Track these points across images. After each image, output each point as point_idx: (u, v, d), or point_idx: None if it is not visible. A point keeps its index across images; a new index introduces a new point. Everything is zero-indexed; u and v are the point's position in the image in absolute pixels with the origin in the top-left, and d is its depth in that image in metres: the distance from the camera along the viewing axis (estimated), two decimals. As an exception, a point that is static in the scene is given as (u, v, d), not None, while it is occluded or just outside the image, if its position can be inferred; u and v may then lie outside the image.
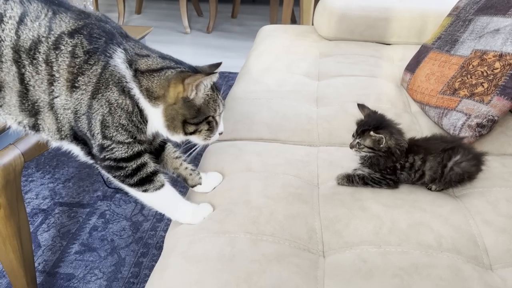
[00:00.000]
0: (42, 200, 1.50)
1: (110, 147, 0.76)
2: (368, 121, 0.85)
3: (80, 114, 0.74)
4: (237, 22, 3.74)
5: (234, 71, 2.66)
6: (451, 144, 0.85)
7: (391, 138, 0.82)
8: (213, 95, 0.78)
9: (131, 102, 0.74)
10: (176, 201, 0.83)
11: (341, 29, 1.66)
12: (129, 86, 0.73)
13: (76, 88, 0.72)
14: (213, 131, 0.81)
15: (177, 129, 0.77)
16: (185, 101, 0.75)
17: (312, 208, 0.81)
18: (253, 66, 1.47)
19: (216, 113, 0.80)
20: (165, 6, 4.12)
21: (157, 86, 0.74)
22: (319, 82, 1.36)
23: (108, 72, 0.72)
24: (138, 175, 0.78)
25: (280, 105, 1.19)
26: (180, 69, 0.77)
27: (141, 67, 0.75)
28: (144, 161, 0.78)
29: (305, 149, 1.02)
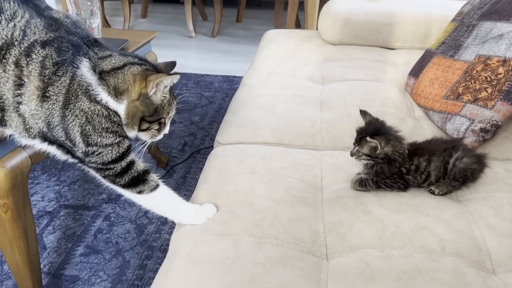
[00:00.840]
0: (48, 202, 1.51)
1: (97, 152, 0.77)
2: (366, 128, 0.86)
3: (54, 125, 0.75)
4: (242, 26, 3.76)
5: (239, 75, 2.68)
6: (451, 143, 0.86)
7: (387, 144, 0.82)
8: (169, 98, 0.81)
9: (102, 107, 0.76)
10: (175, 202, 0.84)
11: (346, 33, 1.67)
12: (96, 92, 0.75)
13: (47, 98, 0.73)
14: (161, 131, 0.84)
15: (134, 126, 0.79)
16: (145, 98, 0.77)
17: (315, 211, 0.81)
18: (258, 70, 1.48)
19: (168, 116, 0.83)
20: (171, 10, 4.14)
21: (122, 82, 0.76)
22: (323, 87, 1.36)
23: (76, 82, 0.74)
24: (128, 174, 0.80)
25: (284, 109, 1.19)
26: (146, 67, 0.79)
27: (105, 68, 0.76)
28: (132, 159, 0.81)
29: (309, 153, 1.03)
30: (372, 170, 0.85)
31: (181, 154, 1.85)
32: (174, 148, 1.89)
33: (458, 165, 0.83)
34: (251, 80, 1.41)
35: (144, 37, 1.46)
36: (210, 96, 2.40)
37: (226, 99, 2.37)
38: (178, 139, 1.96)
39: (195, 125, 2.08)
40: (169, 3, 4.33)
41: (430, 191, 0.86)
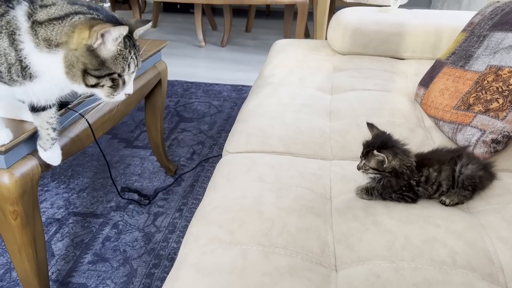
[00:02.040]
0: (57, 209, 1.52)
1: None
2: (373, 141, 0.85)
3: None
4: (251, 36, 3.78)
5: (248, 84, 2.69)
6: (457, 152, 0.85)
7: (394, 158, 0.81)
8: (123, 52, 0.76)
9: (15, 56, 0.74)
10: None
11: (355, 43, 1.67)
12: (21, 40, 0.74)
13: None
14: (117, 89, 0.80)
15: (77, 78, 0.75)
16: (87, 49, 0.73)
17: (324, 221, 0.81)
18: (267, 80, 1.48)
19: (125, 72, 0.78)
20: (181, 20, 4.19)
21: (58, 34, 0.73)
22: (332, 96, 1.36)
23: (5, 20, 0.73)
24: None
25: (293, 119, 1.19)
26: (92, 16, 0.75)
27: (40, 18, 0.74)
28: None
29: (318, 162, 1.02)
30: (379, 184, 0.84)
31: (190, 162, 1.85)
32: (183, 156, 1.89)
33: (465, 172, 0.83)
34: (260, 89, 1.42)
35: (154, 47, 1.47)
36: (219, 105, 2.41)
37: (235, 108, 2.37)
38: (187, 148, 1.96)
39: (203, 134, 2.09)
40: (180, 13, 4.38)
41: (441, 202, 0.85)
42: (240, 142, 1.12)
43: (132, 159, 1.85)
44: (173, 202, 1.59)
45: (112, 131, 2.06)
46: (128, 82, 0.81)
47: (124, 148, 1.93)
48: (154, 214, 1.51)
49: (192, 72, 2.89)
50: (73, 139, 1.05)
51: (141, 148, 1.94)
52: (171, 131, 2.10)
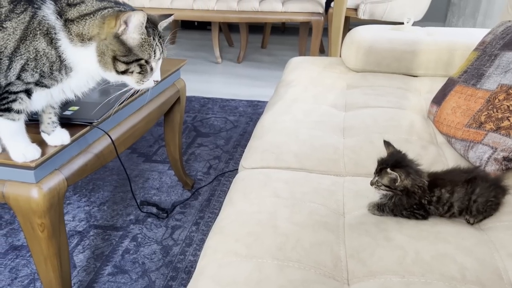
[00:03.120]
0: (78, 222, 1.57)
1: (15, 84, 0.84)
2: (388, 159, 0.88)
3: (3, 56, 0.81)
4: (267, 52, 3.84)
5: (263, 99, 2.74)
6: (471, 174, 0.87)
7: (407, 177, 0.84)
8: (148, 39, 0.84)
9: (55, 53, 0.82)
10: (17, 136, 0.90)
11: (369, 61, 1.70)
12: (57, 38, 0.81)
13: (3, 29, 0.80)
14: (146, 75, 0.87)
15: (108, 65, 0.83)
16: (115, 37, 0.81)
17: (337, 236, 0.83)
18: (282, 97, 1.52)
19: (151, 59, 0.86)
20: (198, 36, 4.28)
21: (90, 27, 0.82)
22: (346, 113, 1.39)
23: (37, 21, 0.80)
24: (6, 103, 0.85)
25: (307, 135, 1.23)
26: (119, 9, 0.84)
27: (71, 15, 0.82)
28: (20, 97, 0.86)
29: (331, 178, 1.05)
30: (391, 201, 0.86)
31: (206, 176, 1.89)
32: (200, 170, 1.94)
33: (479, 200, 0.84)
34: (275, 106, 1.46)
35: (174, 65, 1.53)
36: (235, 120, 2.45)
37: (250, 123, 2.42)
38: (204, 162, 2.01)
39: (220, 149, 2.13)
40: (197, 30, 4.48)
41: (466, 220, 0.87)
42: (255, 158, 1.16)
43: (151, 173, 1.90)
44: (190, 215, 1.63)
45: (131, 146, 2.12)
46: (156, 68, 0.88)
47: (143, 162, 1.99)
48: (172, 228, 1.55)
49: (209, 88, 2.96)
50: (97, 155, 1.11)
51: (159, 162, 1.99)
52: (189, 145, 2.16)
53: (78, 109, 1.10)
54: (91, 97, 1.18)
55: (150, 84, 0.89)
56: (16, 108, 0.87)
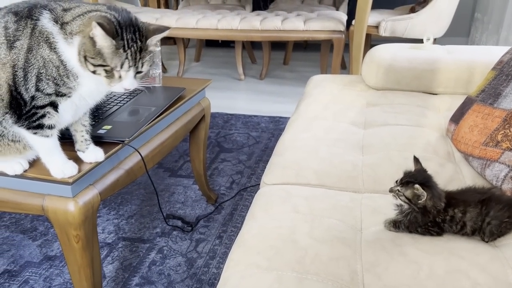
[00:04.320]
0: (108, 234, 1.65)
1: (38, 97, 0.91)
2: (415, 174, 0.91)
3: (18, 68, 0.89)
4: (289, 68, 3.91)
5: (285, 115, 2.79)
6: (485, 195, 0.89)
7: (431, 199, 0.87)
8: (118, 50, 0.87)
9: (57, 57, 0.89)
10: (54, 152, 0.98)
11: (388, 79, 1.74)
12: (55, 41, 0.89)
13: (14, 48, 0.89)
14: (113, 81, 0.91)
15: (82, 64, 0.89)
16: (89, 38, 0.87)
17: (354, 251, 0.87)
18: (302, 115, 1.57)
19: (117, 69, 0.89)
20: (222, 54, 4.39)
21: (77, 26, 0.89)
22: (365, 131, 1.43)
23: (38, 31, 0.89)
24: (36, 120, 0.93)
25: (327, 153, 1.27)
26: (105, 14, 0.89)
27: (67, 18, 0.90)
28: (48, 111, 0.94)
29: (350, 195, 1.09)
30: (406, 219, 0.90)
31: (229, 191, 1.95)
32: (223, 185, 2.00)
33: (493, 223, 0.87)
34: (296, 123, 1.51)
35: (199, 85, 1.60)
36: (257, 136, 2.51)
37: (272, 139, 2.47)
38: (227, 177, 2.06)
39: (242, 164, 2.19)
40: (221, 47, 4.60)
41: (481, 237, 0.89)
42: (276, 174, 1.21)
43: (176, 187, 1.97)
44: (213, 229, 1.68)
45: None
46: (125, 78, 0.92)
47: (169, 177, 2.06)
48: (196, 241, 1.61)
49: (232, 104, 3.04)
50: (127, 171, 1.18)
51: (184, 177, 2.06)
52: (212, 161, 2.22)
53: (110, 128, 1.17)
54: (122, 116, 1.26)
55: (119, 89, 0.93)
56: (47, 124, 0.95)
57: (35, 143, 0.98)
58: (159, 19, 3.04)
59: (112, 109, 1.29)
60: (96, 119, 1.21)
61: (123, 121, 1.23)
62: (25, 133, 0.96)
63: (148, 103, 1.37)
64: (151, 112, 1.29)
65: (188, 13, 3.17)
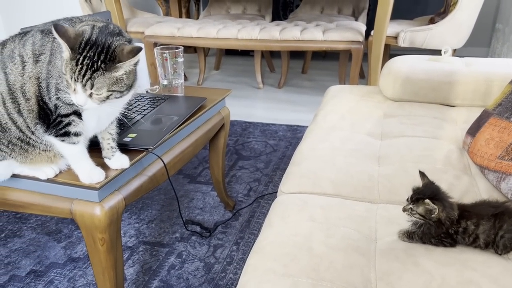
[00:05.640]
0: (129, 238, 1.70)
1: (61, 107, 0.97)
2: (424, 190, 0.94)
3: (42, 79, 0.96)
4: (307, 77, 3.94)
5: (303, 124, 2.82)
6: (499, 208, 0.90)
7: (443, 210, 0.89)
8: (71, 63, 0.89)
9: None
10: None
11: (406, 91, 1.76)
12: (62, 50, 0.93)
13: (39, 61, 0.96)
14: (72, 93, 0.92)
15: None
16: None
17: (368, 260, 0.90)
18: (320, 124, 1.60)
19: (68, 76, 0.91)
20: (241, 62, 4.45)
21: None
22: (382, 142, 1.45)
23: (56, 44, 0.96)
24: (62, 128, 0.99)
25: (343, 163, 1.30)
26: (84, 27, 0.94)
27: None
28: (72, 119, 0.99)
29: (365, 205, 1.12)
30: (420, 230, 0.92)
31: (247, 198, 1.99)
32: (240, 192, 2.04)
33: (506, 236, 0.88)
34: (313, 133, 1.54)
35: (220, 95, 1.65)
36: (275, 144, 2.55)
37: (290, 148, 2.50)
38: (244, 184, 2.10)
39: (260, 172, 2.23)
40: (240, 56, 4.66)
41: (494, 250, 0.91)
42: (293, 183, 1.24)
43: (195, 193, 2.02)
44: (231, 235, 1.72)
45: (177, 168, 2.26)
46: (77, 92, 0.91)
47: (188, 183, 2.11)
48: (214, 246, 1.65)
49: (250, 112, 3.09)
50: (150, 177, 1.23)
51: (203, 183, 2.11)
52: (230, 168, 2.27)
53: (135, 136, 1.23)
54: (146, 125, 1.31)
55: (74, 100, 0.93)
56: (73, 131, 1.01)
57: (64, 150, 1.04)
58: (181, 29, 3.12)
59: (137, 117, 1.35)
60: (121, 127, 1.26)
61: (147, 129, 1.28)
62: (54, 141, 1.02)
63: (171, 112, 1.42)
64: (173, 121, 1.35)
65: (209, 23, 3.24)
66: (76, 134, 1.02)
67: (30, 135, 1.03)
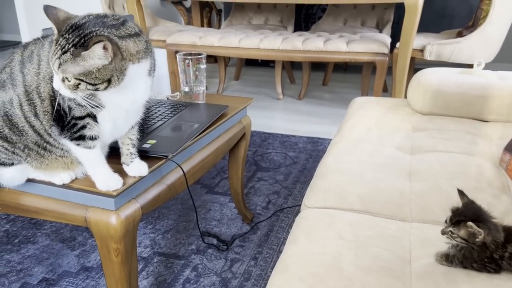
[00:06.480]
0: (144, 248, 1.65)
1: (75, 109, 0.93)
2: (464, 211, 0.86)
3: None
4: (328, 89, 3.88)
5: (323, 136, 2.75)
6: None
7: (489, 234, 0.81)
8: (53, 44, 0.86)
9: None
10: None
11: (436, 104, 1.68)
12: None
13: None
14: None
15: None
16: None
17: (403, 284, 0.82)
18: (346, 137, 1.53)
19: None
20: (261, 73, 4.42)
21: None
22: (412, 157, 1.37)
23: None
24: (77, 131, 0.95)
25: (372, 177, 1.23)
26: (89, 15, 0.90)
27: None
28: (87, 122, 0.95)
29: (397, 223, 1.04)
30: (460, 253, 0.84)
31: (265, 211, 1.92)
32: (259, 205, 1.97)
33: None
34: (339, 145, 1.47)
35: (241, 103, 1.60)
36: (295, 156, 2.48)
37: (310, 160, 2.44)
38: (263, 197, 2.04)
39: (279, 184, 2.16)
40: (260, 67, 4.63)
41: None
42: (319, 197, 1.17)
43: (213, 204, 1.96)
44: (248, 249, 1.65)
45: (195, 177, 2.21)
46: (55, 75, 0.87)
47: (206, 193, 2.06)
48: (231, 260, 1.58)
49: (269, 123, 3.03)
50: (169, 186, 1.18)
51: (221, 194, 2.05)
52: (249, 179, 2.21)
53: (155, 143, 1.18)
54: (166, 131, 1.27)
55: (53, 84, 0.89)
56: (88, 135, 0.96)
57: (79, 155, 0.99)
58: (203, 38, 3.10)
59: (157, 123, 1.30)
60: (141, 133, 1.22)
61: (167, 136, 1.24)
62: (70, 145, 0.98)
63: (192, 119, 1.37)
64: (194, 129, 1.30)
65: (231, 33, 3.21)
66: (91, 138, 0.97)
67: (48, 138, 0.99)
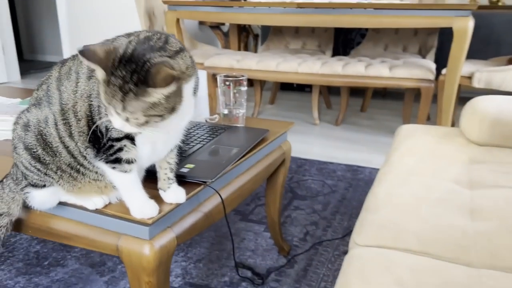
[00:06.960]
0: (175, 278, 1.56)
1: (111, 130, 0.87)
2: None
3: (93, 98, 0.87)
4: (366, 116, 3.76)
5: (363, 165, 2.63)
6: None
7: None
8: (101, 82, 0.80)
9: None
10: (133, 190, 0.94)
11: (494, 134, 1.54)
12: None
13: (92, 77, 0.88)
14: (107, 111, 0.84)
15: None
16: None
17: None
18: (396, 167, 1.42)
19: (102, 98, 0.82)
20: (296, 97, 4.35)
21: None
22: (472, 192, 1.24)
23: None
24: (114, 154, 0.89)
25: (429, 214, 1.10)
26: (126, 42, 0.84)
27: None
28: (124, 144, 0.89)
29: (463, 269, 0.91)
30: None
31: (303, 243, 1.80)
32: (296, 236, 1.86)
33: None
34: (389, 176, 1.35)
35: (282, 128, 1.52)
36: (333, 185, 2.37)
37: (350, 190, 2.31)
38: (300, 227, 1.93)
39: (317, 214, 2.05)
40: (295, 91, 4.57)
41: None
42: (370, 234, 1.06)
43: (247, 233, 1.86)
44: (285, 285, 1.53)
45: (229, 203, 2.12)
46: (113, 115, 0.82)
47: (240, 220, 1.96)
48: (265, 295, 1.47)
49: (306, 149, 2.93)
50: (206, 214, 1.09)
51: (255, 222, 1.95)
52: (285, 207, 2.10)
53: (193, 167, 1.10)
54: (204, 156, 1.19)
55: (113, 125, 0.83)
56: (124, 158, 0.89)
57: (114, 179, 0.92)
58: (240, 61, 3.07)
59: (195, 147, 1.23)
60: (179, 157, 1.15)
61: (205, 160, 1.16)
62: (105, 168, 0.91)
63: (231, 143, 1.30)
64: (234, 153, 1.22)
65: (269, 56, 3.17)
66: (128, 161, 0.90)
67: (82, 160, 0.93)
